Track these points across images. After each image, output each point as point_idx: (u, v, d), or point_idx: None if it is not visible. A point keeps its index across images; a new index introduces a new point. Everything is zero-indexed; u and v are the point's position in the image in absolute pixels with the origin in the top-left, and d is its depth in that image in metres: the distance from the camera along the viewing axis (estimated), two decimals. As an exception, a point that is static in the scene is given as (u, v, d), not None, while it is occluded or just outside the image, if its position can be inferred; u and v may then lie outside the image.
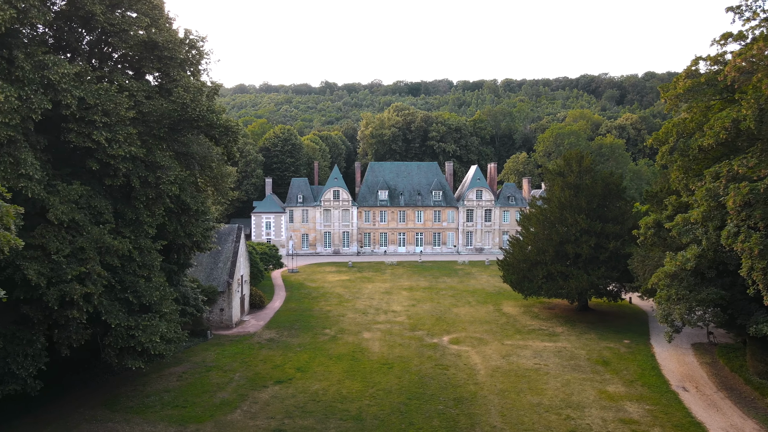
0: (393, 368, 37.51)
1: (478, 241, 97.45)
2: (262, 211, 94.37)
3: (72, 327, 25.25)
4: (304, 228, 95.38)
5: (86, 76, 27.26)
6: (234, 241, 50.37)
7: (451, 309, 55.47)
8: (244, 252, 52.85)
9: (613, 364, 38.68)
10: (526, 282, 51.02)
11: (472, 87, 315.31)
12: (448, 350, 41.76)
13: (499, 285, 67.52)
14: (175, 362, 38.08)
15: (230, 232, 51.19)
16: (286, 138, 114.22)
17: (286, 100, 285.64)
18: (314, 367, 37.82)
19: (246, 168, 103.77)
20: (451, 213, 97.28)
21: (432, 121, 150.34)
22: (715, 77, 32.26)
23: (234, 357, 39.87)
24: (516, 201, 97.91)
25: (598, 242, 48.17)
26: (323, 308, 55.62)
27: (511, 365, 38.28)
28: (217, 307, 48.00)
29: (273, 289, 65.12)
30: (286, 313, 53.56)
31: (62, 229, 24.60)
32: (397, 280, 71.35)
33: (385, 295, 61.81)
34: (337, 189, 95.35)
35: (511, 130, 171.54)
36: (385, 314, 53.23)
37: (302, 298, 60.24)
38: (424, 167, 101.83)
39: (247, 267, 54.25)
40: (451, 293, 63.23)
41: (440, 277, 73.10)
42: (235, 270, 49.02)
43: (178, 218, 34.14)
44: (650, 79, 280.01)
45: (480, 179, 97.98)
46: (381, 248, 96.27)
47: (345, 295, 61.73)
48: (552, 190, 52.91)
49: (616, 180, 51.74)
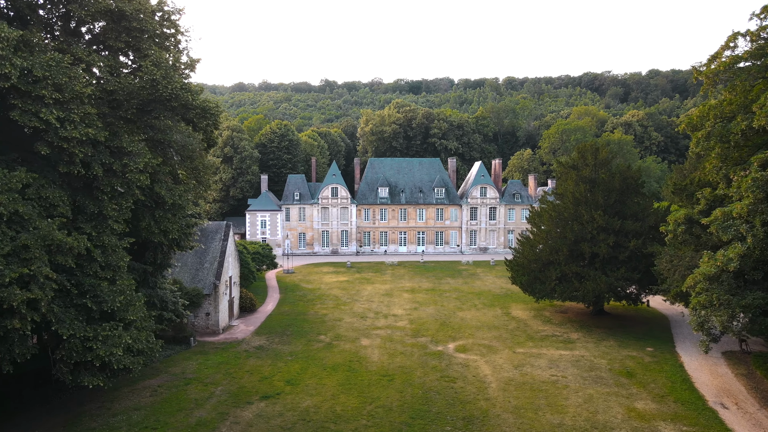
0: (394, 381, 33.64)
1: (483, 240, 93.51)
2: (256, 209, 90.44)
3: (14, 339, 21.35)
4: (301, 227, 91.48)
5: (38, 45, 23.41)
6: (222, 240, 46.51)
7: (456, 313, 51.59)
8: (233, 251, 49.00)
9: (638, 375, 34.77)
10: (538, 284, 47.13)
11: (474, 85, 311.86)
12: (455, 359, 37.88)
13: (506, 286, 63.66)
14: (150, 373, 34.22)
15: (218, 229, 47.33)
16: (283, 134, 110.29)
17: (285, 98, 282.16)
18: (306, 379, 33.93)
19: (241, 165, 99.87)
20: (454, 211, 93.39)
21: (433, 117, 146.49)
22: (759, 53, 28.40)
23: (218, 367, 35.98)
24: (522, 198, 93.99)
25: (617, 241, 44.25)
26: (319, 312, 51.74)
27: (525, 377, 34.39)
28: (203, 311, 44.13)
29: (266, 291, 61.25)
30: (279, 318, 49.68)
31: (1, 223, 20.71)
32: (398, 281, 67.48)
33: (385, 298, 57.95)
34: (335, 186, 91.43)
35: (515, 127, 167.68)
36: (385, 318, 49.36)
37: (297, 301, 56.36)
38: (426, 164, 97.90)
39: (236, 267, 50.39)
40: (455, 295, 59.34)
41: (443, 278, 69.22)
42: (223, 271, 45.16)
43: (151, 213, 30.31)
44: (654, 77, 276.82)
45: (484, 176, 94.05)
46: (381, 248, 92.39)
47: (342, 298, 57.86)
48: (565, 185, 48.99)
49: (634, 174, 47.82)
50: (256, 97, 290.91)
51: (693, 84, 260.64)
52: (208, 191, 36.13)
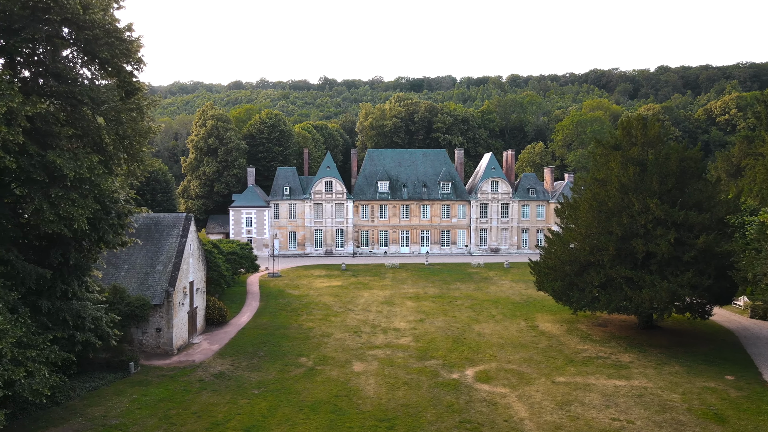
0: (395, 428, 24.21)
1: (494, 240, 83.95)
2: (241, 205, 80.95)
3: None
4: (292, 225, 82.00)
5: None
6: (179, 236, 37.12)
7: (471, 326, 42.18)
8: (196, 251, 39.61)
9: (731, 419, 25.30)
10: (575, 291, 37.74)
11: (477, 83, 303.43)
12: (476, 393, 28.43)
13: (526, 292, 54.28)
14: (58, 417, 24.77)
15: (175, 223, 37.94)
16: (274, 124, 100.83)
17: (283, 96, 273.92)
18: (273, 426, 24.49)
19: (227, 157, 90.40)
20: (462, 207, 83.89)
21: (437, 111, 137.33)
22: None
23: (155, 407, 26.51)
24: (537, 193, 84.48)
25: (679, 237, 34.80)
26: (303, 325, 42.34)
27: (578, 422, 24.92)
28: (152, 326, 34.70)
29: (244, 298, 51.83)
30: (253, 333, 40.27)
31: None
32: (399, 286, 58.05)
33: (384, 307, 48.52)
34: (329, 179, 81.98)
35: (522, 122, 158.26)
36: (384, 334, 39.94)
37: (278, 311, 46.95)
38: (430, 155, 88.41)
39: (201, 271, 40.99)
40: (468, 303, 49.91)
41: (452, 283, 59.76)
42: (180, 275, 35.75)
43: (44, 192, 20.96)
44: (664, 73, 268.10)
45: (495, 168, 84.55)
46: (381, 248, 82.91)
47: (334, 307, 48.44)
48: (606, 170, 39.62)
49: (694, 155, 38.49)
50: (253, 94, 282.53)
51: (704, 80, 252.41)
52: (140, 167, 26.60)
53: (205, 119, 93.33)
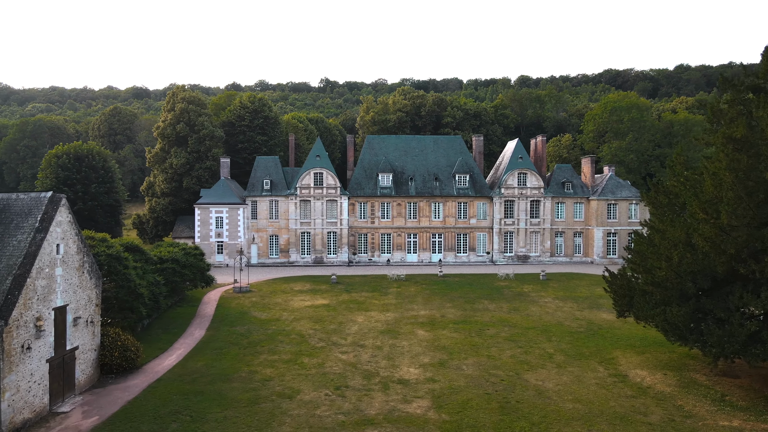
0: None
1: (522, 245, 68.23)
2: (210, 201, 65.50)
3: None
4: (273, 226, 66.54)
5: None
6: (34, 230, 21.78)
7: (521, 374, 26.65)
8: (74, 255, 24.18)
9: None
10: (713, 325, 22.19)
11: (485, 84, 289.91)
12: None
13: (582, 315, 38.92)
14: None
15: (31, 208, 22.57)
16: (257, 109, 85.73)
17: (282, 97, 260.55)
18: None
19: (199, 147, 75.28)
20: (483, 206, 68.34)
21: (446, 105, 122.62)
22: None
23: None
24: (574, 188, 68.90)
25: None
26: (257, 373, 26.86)
27: None
28: (-38, 390, 19.27)
29: (187, 324, 36.44)
30: (171, 389, 24.77)
31: None
32: (406, 306, 42.54)
33: (386, 339, 33.03)
34: (319, 171, 66.63)
35: (540, 117, 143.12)
36: (384, 392, 24.40)
37: (228, 346, 31.52)
38: (443, 142, 72.98)
39: (89, 288, 25.53)
40: (506, 333, 34.39)
41: (477, 301, 44.20)
42: (24, 296, 20.38)
43: None
44: (685, 71, 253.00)
45: (523, 158, 69.00)
46: (382, 256, 67.33)
47: (312, 339, 32.97)
48: (750, 121, 24.21)
49: None
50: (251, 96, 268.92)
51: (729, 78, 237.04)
52: None
53: (174, 102, 78.35)
